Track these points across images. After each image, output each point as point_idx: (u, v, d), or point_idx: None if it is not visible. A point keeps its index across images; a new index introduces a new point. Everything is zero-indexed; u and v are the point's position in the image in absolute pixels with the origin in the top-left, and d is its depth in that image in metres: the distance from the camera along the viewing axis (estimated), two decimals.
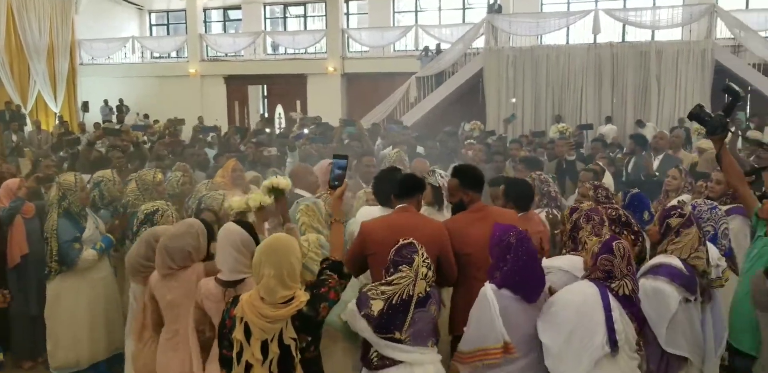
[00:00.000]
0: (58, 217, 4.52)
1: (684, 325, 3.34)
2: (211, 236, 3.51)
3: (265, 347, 2.67)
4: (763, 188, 4.57)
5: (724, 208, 4.56)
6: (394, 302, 3.03)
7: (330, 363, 3.32)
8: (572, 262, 3.52)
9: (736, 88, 3.82)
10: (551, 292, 3.36)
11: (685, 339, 3.34)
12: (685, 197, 4.96)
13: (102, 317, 4.58)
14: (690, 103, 15.47)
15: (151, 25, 24.33)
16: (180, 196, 5.18)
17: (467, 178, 3.94)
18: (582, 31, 17.14)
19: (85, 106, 20.27)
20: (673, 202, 4.77)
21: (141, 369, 3.61)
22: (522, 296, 3.15)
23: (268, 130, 12.48)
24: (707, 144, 7.83)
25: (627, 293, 3.10)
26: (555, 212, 4.65)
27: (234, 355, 2.73)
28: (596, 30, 16.39)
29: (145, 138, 11.11)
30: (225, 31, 23.22)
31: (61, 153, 8.69)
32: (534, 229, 3.92)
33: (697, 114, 3.77)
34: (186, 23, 22.31)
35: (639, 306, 3.17)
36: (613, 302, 3.07)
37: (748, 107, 16.15)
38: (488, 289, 3.18)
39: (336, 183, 3.21)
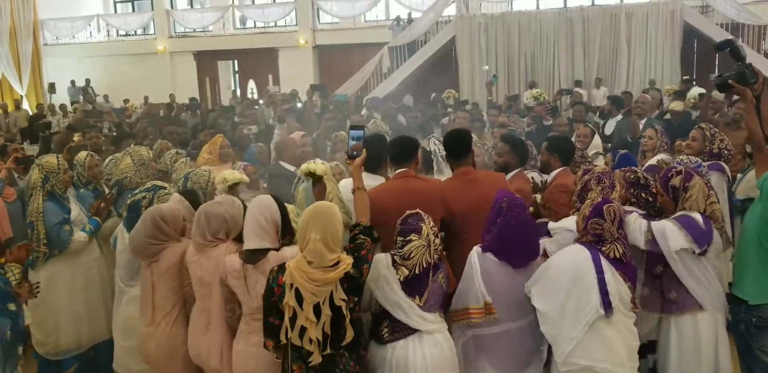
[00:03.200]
0: (42, 200, 4.44)
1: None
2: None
3: (317, 310, 2.81)
4: None
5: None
6: (416, 272, 3.09)
7: None
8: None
9: (723, 40, 3.84)
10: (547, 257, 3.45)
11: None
12: (663, 157, 5.06)
13: (100, 298, 4.56)
14: (660, 64, 15.65)
15: (115, 2, 23.69)
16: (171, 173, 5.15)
17: (448, 146, 3.96)
18: None
19: (52, 88, 19.85)
20: (652, 161, 4.88)
21: (154, 351, 3.55)
22: (506, 261, 3.22)
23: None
24: (680, 106, 7.98)
25: (618, 256, 3.15)
26: (539, 174, 4.72)
27: (287, 321, 2.85)
28: None
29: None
30: (192, 6, 22.76)
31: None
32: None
33: (723, 82, 3.74)
34: None
35: (632, 266, 3.23)
36: (605, 264, 3.12)
37: (716, 67, 16.35)
38: (474, 251, 3.28)
39: (355, 153, 3.29)
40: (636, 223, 3.47)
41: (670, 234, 3.38)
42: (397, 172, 3.76)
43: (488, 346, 3.28)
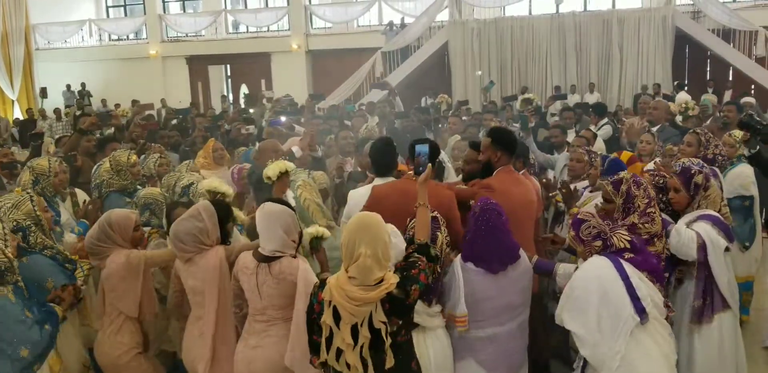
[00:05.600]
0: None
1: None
2: (227, 218, 3.46)
3: (355, 332, 2.58)
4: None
5: None
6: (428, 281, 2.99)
7: None
8: None
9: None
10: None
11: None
12: (659, 161, 5.06)
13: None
14: (652, 69, 15.74)
15: (107, 7, 23.62)
16: (158, 177, 5.14)
17: (502, 138, 3.89)
18: (544, 1, 17.19)
19: (44, 93, 19.75)
20: (649, 166, 4.87)
21: (105, 357, 3.52)
22: (484, 268, 3.19)
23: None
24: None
25: (627, 242, 3.01)
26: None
27: (323, 340, 2.65)
28: None
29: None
30: (184, 11, 22.70)
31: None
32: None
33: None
34: (143, 3, 21.80)
35: (653, 261, 3.08)
36: (629, 269, 2.96)
37: (708, 72, 16.46)
38: (456, 262, 3.25)
39: (420, 169, 3.18)
40: (687, 233, 3.38)
41: (713, 235, 3.35)
42: (405, 174, 3.77)
43: (477, 348, 3.28)
